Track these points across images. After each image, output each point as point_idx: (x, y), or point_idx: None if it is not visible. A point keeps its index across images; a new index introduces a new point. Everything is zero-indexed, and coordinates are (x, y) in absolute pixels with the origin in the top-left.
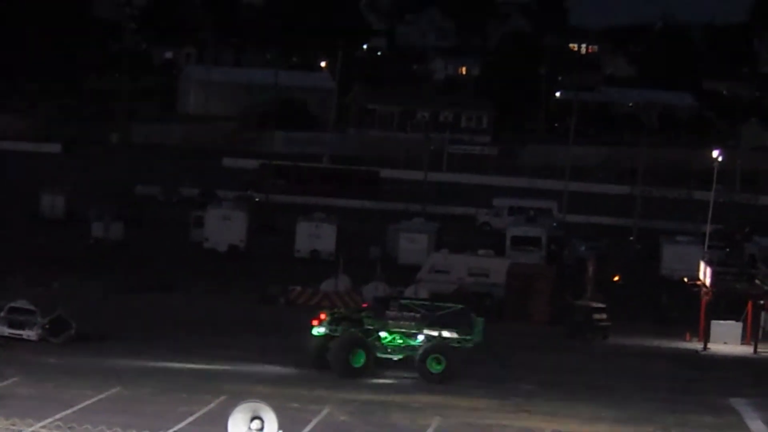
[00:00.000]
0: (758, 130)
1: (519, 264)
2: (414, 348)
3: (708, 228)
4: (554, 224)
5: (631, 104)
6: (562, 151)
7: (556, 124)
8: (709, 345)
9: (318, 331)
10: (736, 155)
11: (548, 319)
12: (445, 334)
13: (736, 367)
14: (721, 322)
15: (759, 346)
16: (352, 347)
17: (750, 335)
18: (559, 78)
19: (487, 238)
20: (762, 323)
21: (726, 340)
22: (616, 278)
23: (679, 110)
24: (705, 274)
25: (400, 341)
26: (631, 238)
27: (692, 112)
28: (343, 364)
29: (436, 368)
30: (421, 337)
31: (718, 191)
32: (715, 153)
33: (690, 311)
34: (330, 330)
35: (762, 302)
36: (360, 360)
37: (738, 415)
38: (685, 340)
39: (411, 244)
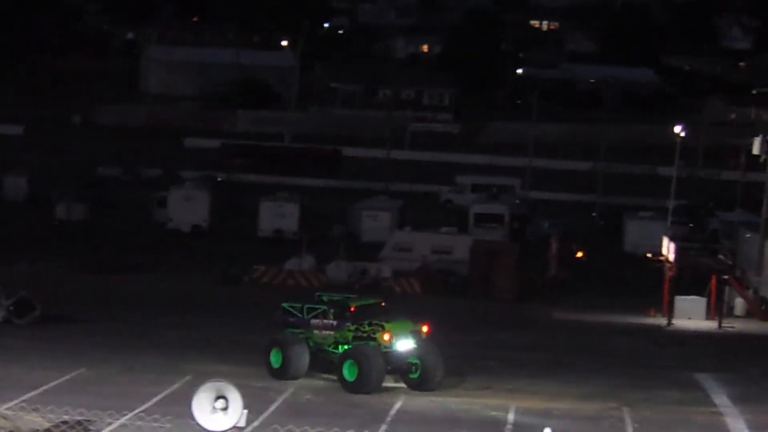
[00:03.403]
0: (720, 106)
1: (482, 241)
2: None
3: (671, 203)
4: (517, 201)
5: (593, 81)
6: (524, 128)
7: (518, 101)
8: (674, 320)
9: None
10: (699, 131)
11: (512, 296)
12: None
13: (700, 342)
14: (685, 297)
15: (723, 321)
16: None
17: (714, 310)
18: (521, 55)
19: (450, 216)
20: (726, 298)
21: (690, 315)
22: (580, 254)
23: (641, 86)
24: (668, 249)
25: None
26: (594, 214)
27: (654, 88)
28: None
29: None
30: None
31: (681, 167)
32: (677, 129)
33: (654, 287)
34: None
35: (726, 277)
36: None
37: (703, 390)
38: (649, 315)
39: (374, 222)
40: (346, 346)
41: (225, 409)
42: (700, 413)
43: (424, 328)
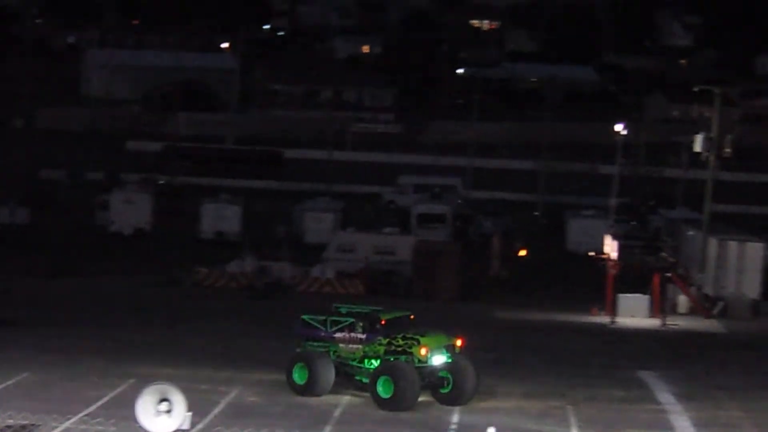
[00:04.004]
0: (662, 103)
1: (425, 241)
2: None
3: (613, 202)
4: (459, 201)
5: (534, 80)
6: (465, 127)
7: (459, 101)
8: (617, 318)
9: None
10: (640, 128)
11: (455, 296)
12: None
13: (644, 340)
14: (628, 295)
15: (666, 318)
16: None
17: (657, 308)
18: (462, 55)
19: (392, 216)
20: (669, 296)
21: (633, 313)
22: (522, 253)
23: (582, 85)
24: (611, 247)
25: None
26: (537, 213)
27: (595, 86)
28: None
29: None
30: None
31: (623, 165)
32: (618, 127)
33: (597, 285)
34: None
35: (669, 275)
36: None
37: (647, 388)
38: (592, 314)
39: (317, 223)
40: (375, 361)
41: (169, 411)
42: (645, 411)
43: (458, 342)
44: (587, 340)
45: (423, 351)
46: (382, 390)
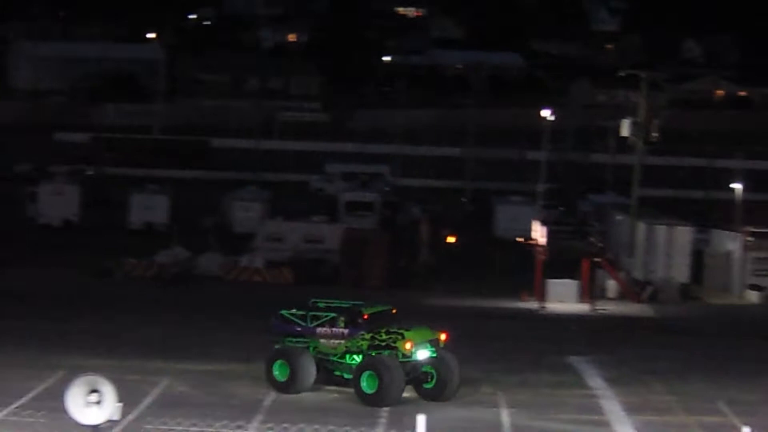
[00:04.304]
0: (589, 88)
1: (353, 229)
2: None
3: (541, 187)
4: (387, 188)
5: (460, 66)
6: (392, 115)
7: (386, 89)
8: (546, 304)
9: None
10: (567, 114)
11: (384, 283)
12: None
13: (573, 325)
14: (557, 280)
15: (596, 303)
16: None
17: (586, 293)
18: (388, 42)
19: (321, 204)
20: (598, 281)
21: (562, 298)
22: (451, 240)
23: (509, 71)
24: (539, 233)
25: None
26: (465, 199)
27: (522, 72)
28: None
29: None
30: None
31: (550, 150)
32: (545, 112)
33: (526, 271)
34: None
35: (597, 260)
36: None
37: (577, 374)
38: (522, 299)
39: (245, 212)
40: (358, 356)
41: (99, 402)
42: (575, 396)
43: (443, 336)
44: (517, 326)
45: (407, 345)
46: (366, 385)
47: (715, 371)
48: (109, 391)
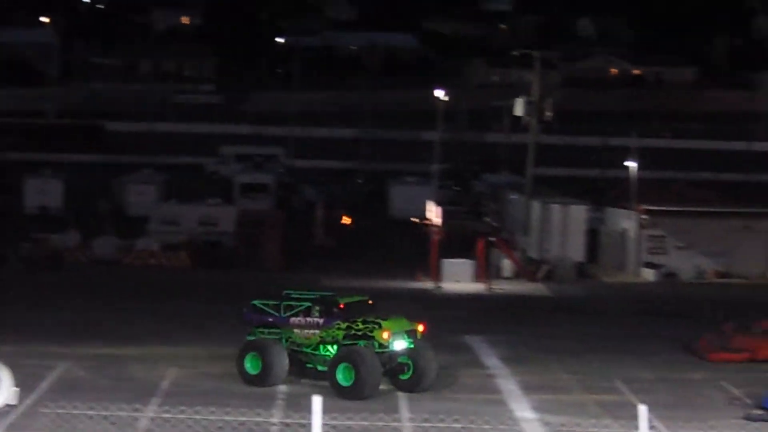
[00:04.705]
0: (482, 69)
1: (248, 211)
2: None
3: (436, 168)
4: (282, 170)
5: (354, 47)
6: (287, 96)
7: (280, 70)
8: (442, 284)
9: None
10: (461, 94)
11: (280, 265)
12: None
13: (469, 304)
14: (453, 260)
15: (491, 282)
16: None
17: (482, 272)
18: (281, 24)
19: (216, 187)
20: (494, 260)
21: (458, 278)
22: (346, 221)
23: (402, 52)
24: (434, 213)
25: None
26: (360, 180)
27: (415, 53)
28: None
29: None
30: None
31: (444, 131)
32: (439, 93)
33: (421, 251)
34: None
35: (492, 239)
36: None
37: (473, 353)
38: (417, 279)
39: (140, 196)
40: (332, 347)
41: None
42: (472, 376)
43: (420, 327)
44: (412, 306)
45: (385, 335)
46: (342, 378)
47: (612, 349)
48: (5, 375)
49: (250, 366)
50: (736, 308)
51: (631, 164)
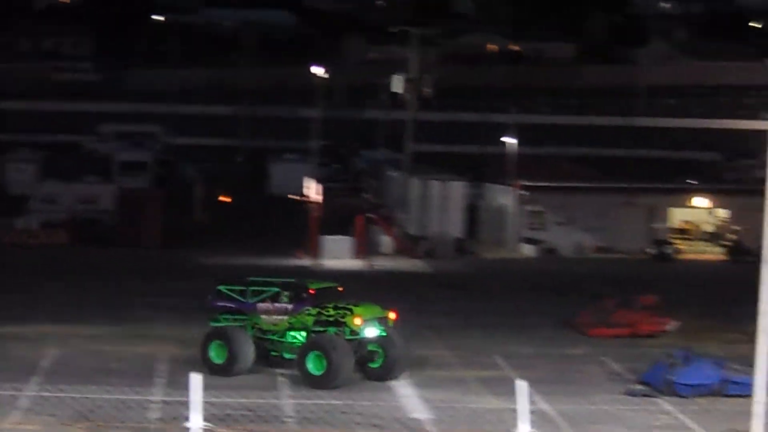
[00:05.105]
0: (361, 45)
1: (127, 189)
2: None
3: (314, 145)
4: (161, 148)
5: (231, 24)
6: (165, 74)
7: (158, 48)
8: (322, 261)
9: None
10: (340, 71)
11: (160, 243)
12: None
13: (349, 280)
14: (332, 237)
15: (371, 259)
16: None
17: (361, 249)
18: (160, 1)
19: (94, 165)
20: (373, 237)
21: (337, 255)
22: (226, 199)
23: (280, 29)
24: (314, 190)
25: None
26: (239, 158)
27: (293, 29)
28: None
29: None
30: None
31: (323, 108)
32: (317, 70)
33: (301, 228)
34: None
35: (372, 216)
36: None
37: None
38: (297, 257)
39: (19, 174)
40: (301, 333)
41: None
42: None
43: (392, 315)
44: None
45: (357, 321)
46: (313, 366)
47: (492, 325)
48: None
49: (215, 355)
50: (617, 283)
51: (510, 140)
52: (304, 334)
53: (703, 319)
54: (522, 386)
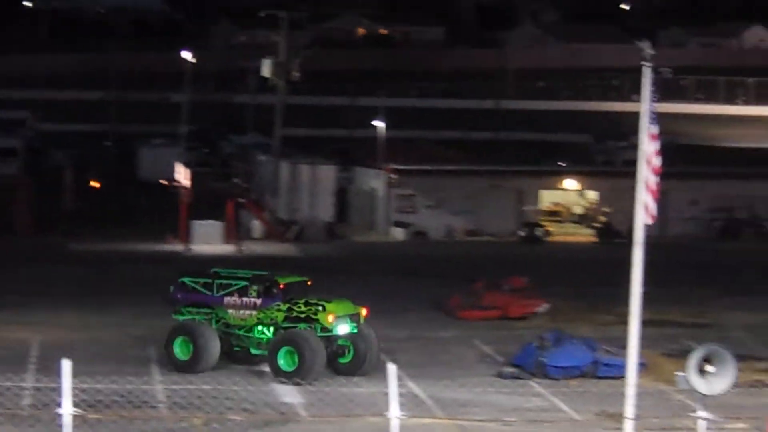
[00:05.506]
0: (229, 30)
1: None
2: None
3: (184, 129)
4: (30, 134)
5: (102, 10)
6: (34, 59)
7: (29, 33)
8: (192, 245)
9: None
10: (208, 56)
11: (30, 230)
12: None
13: (219, 265)
14: (202, 222)
15: (242, 243)
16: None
17: (232, 234)
18: None
19: None
20: (243, 221)
21: (208, 240)
22: (95, 184)
23: (150, 14)
24: (183, 175)
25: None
26: (108, 143)
27: (163, 15)
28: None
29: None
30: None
31: (192, 92)
32: (186, 54)
33: (171, 213)
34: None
35: (241, 200)
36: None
37: None
38: (167, 242)
39: None
40: (269, 329)
41: None
42: None
43: (363, 312)
44: (164, 269)
45: (330, 318)
46: (284, 363)
47: None
48: None
49: (180, 351)
50: (487, 266)
51: (380, 124)
52: (272, 329)
53: (573, 300)
54: (392, 369)
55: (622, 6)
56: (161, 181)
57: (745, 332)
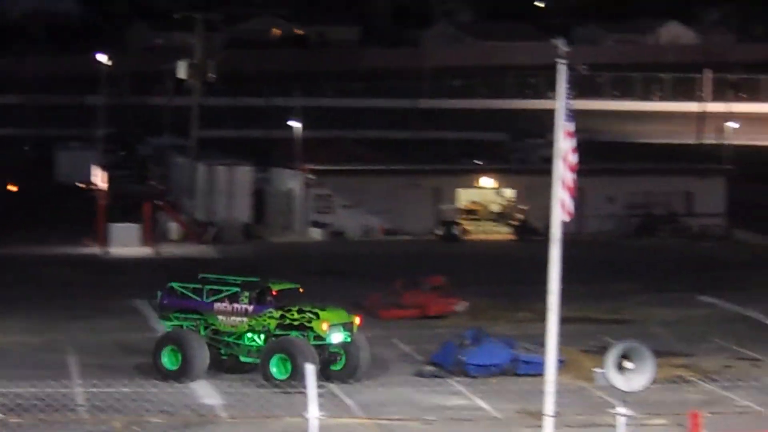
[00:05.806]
0: (145, 33)
1: None
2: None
3: (100, 132)
4: None
5: (18, 15)
6: None
7: None
8: (109, 248)
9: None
10: (124, 58)
11: None
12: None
13: (137, 268)
14: (119, 225)
15: (159, 246)
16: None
17: (149, 236)
18: None
19: None
20: (160, 223)
21: (125, 242)
22: (12, 188)
23: (66, 17)
24: (100, 178)
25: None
26: (25, 147)
27: (79, 18)
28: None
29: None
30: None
31: (108, 95)
32: (101, 57)
33: (88, 216)
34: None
35: (158, 202)
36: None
37: (142, 316)
38: (84, 245)
39: None
40: (260, 336)
41: None
42: (141, 340)
43: (357, 320)
44: (81, 272)
45: (324, 326)
46: (277, 370)
47: None
48: None
49: (168, 361)
50: (405, 265)
51: (296, 124)
52: (263, 336)
53: (492, 298)
54: (310, 369)
55: (537, 3)
56: (78, 184)
57: (662, 328)
